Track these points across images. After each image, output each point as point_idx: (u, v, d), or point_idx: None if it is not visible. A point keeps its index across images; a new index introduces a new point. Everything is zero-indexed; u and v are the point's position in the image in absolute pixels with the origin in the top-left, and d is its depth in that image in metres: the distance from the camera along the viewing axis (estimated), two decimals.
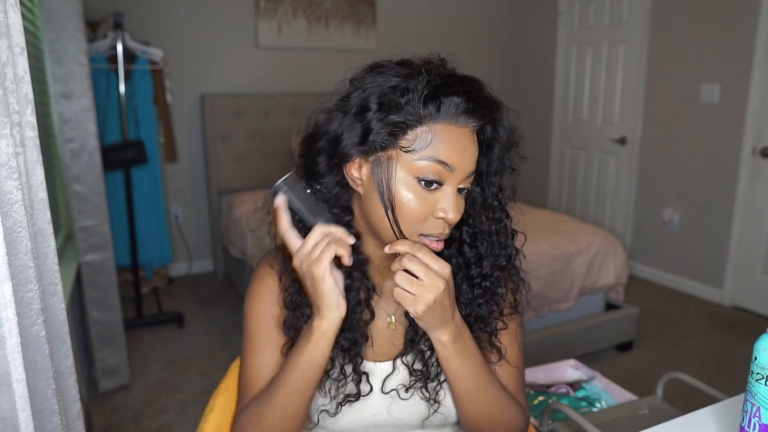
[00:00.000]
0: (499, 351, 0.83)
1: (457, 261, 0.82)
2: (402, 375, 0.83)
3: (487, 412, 0.77)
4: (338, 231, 0.71)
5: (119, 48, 2.83)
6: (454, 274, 0.81)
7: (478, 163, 0.74)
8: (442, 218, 0.71)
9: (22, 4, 1.72)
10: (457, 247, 0.82)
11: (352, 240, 0.72)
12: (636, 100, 3.73)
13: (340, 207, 0.77)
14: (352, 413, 0.82)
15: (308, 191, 0.75)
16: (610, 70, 3.91)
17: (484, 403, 0.76)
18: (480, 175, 0.77)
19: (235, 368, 1.05)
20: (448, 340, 0.73)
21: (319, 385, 0.79)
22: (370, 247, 0.80)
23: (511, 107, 0.77)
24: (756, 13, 2.99)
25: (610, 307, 2.73)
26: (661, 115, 3.60)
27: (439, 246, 0.74)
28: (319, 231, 0.70)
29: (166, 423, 2.12)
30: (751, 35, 3.02)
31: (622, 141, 3.85)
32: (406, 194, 0.70)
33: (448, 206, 0.70)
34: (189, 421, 2.13)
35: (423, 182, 0.69)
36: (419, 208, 0.70)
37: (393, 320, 0.84)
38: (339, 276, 0.72)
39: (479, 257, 0.81)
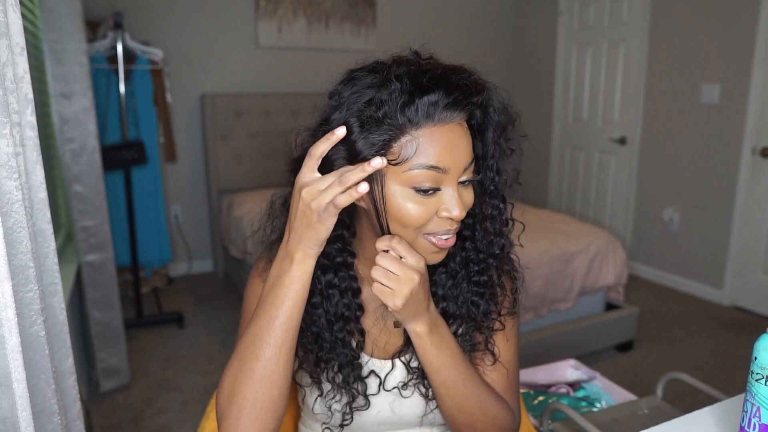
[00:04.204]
0: (493, 354, 0.82)
1: (460, 257, 0.81)
2: (401, 372, 0.84)
3: (466, 407, 0.77)
4: (354, 177, 0.65)
5: (119, 48, 2.83)
6: (456, 272, 0.81)
7: (474, 148, 0.72)
8: (447, 217, 0.70)
9: (22, 4, 1.72)
10: (460, 243, 0.81)
11: (364, 189, 0.66)
12: (636, 100, 3.73)
13: (338, 222, 0.77)
14: (357, 411, 0.83)
15: None
16: (610, 70, 3.91)
17: (462, 398, 0.76)
18: (476, 159, 0.74)
19: None
20: (424, 331, 0.73)
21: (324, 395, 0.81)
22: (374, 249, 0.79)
23: (501, 87, 0.74)
24: (756, 13, 2.99)
25: (610, 307, 2.73)
26: (661, 115, 3.60)
27: (450, 242, 0.73)
28: (344, 174, 0.65)
29: (166, 423, 2.12)
30: (751, 35, 3.02)
31: (622, 141, 3.84)
32: (405, 205, 0.69)
33: (450, 205, 0.69)
34: (189, 421, 2.13)
35: (420, 191, 0.68)
36: (421, 214, 0.69)
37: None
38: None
39: (478, 250, 0.81)
